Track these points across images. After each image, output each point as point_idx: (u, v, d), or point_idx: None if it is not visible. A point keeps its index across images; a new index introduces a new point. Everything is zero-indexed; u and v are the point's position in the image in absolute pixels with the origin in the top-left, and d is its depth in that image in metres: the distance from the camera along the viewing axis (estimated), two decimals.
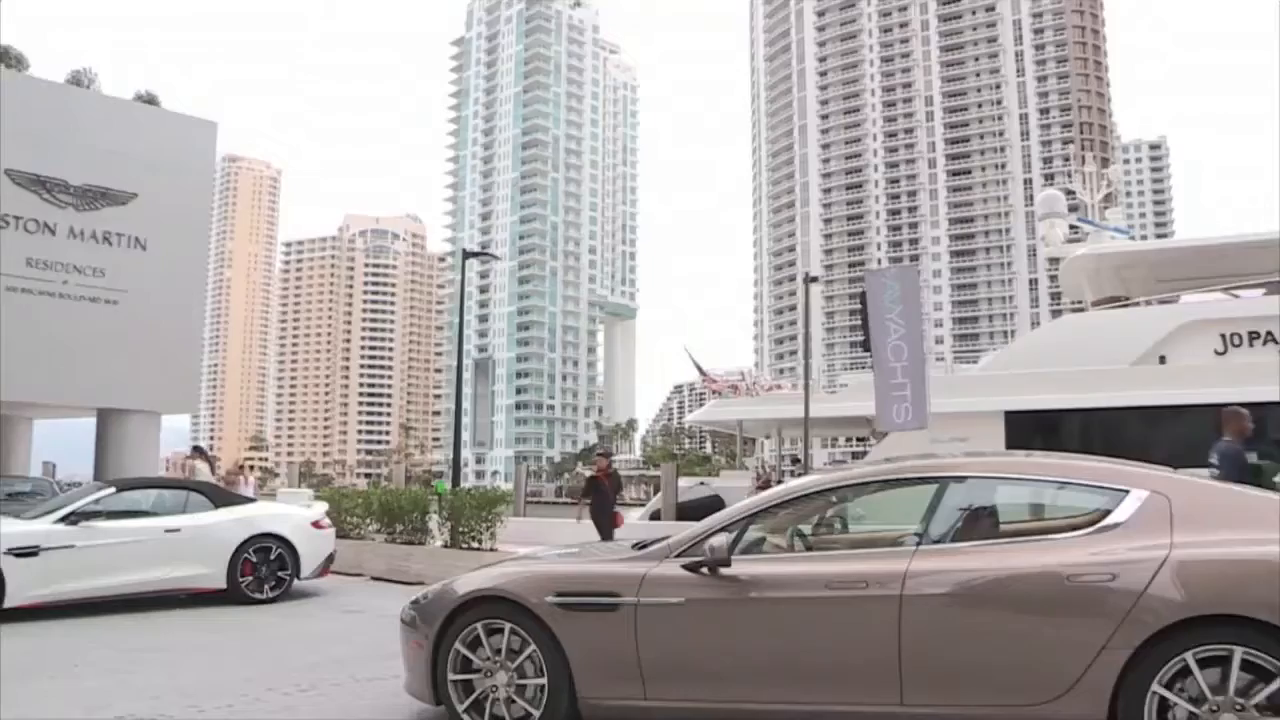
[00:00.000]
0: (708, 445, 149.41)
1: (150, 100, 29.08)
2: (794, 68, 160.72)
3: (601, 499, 16.58)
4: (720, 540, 4.87)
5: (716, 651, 4.81)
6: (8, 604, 9.93)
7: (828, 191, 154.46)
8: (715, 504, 21.55)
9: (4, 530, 10.32)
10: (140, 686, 6.94)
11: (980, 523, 4.76)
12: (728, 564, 4.81)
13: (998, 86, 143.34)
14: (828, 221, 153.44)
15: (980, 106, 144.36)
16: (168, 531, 11.05)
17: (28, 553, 10.13)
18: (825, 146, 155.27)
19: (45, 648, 8.69)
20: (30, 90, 26.75)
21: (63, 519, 10.63)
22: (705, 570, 4.85)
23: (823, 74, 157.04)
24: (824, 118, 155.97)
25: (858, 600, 4.54)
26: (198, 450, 17.57)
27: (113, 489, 11.51)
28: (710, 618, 4.84)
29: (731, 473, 38.65)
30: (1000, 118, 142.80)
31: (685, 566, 4.92)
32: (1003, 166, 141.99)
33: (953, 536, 4.67)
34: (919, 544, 4.64)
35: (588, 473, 20.23)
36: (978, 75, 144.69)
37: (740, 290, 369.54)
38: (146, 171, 27.39)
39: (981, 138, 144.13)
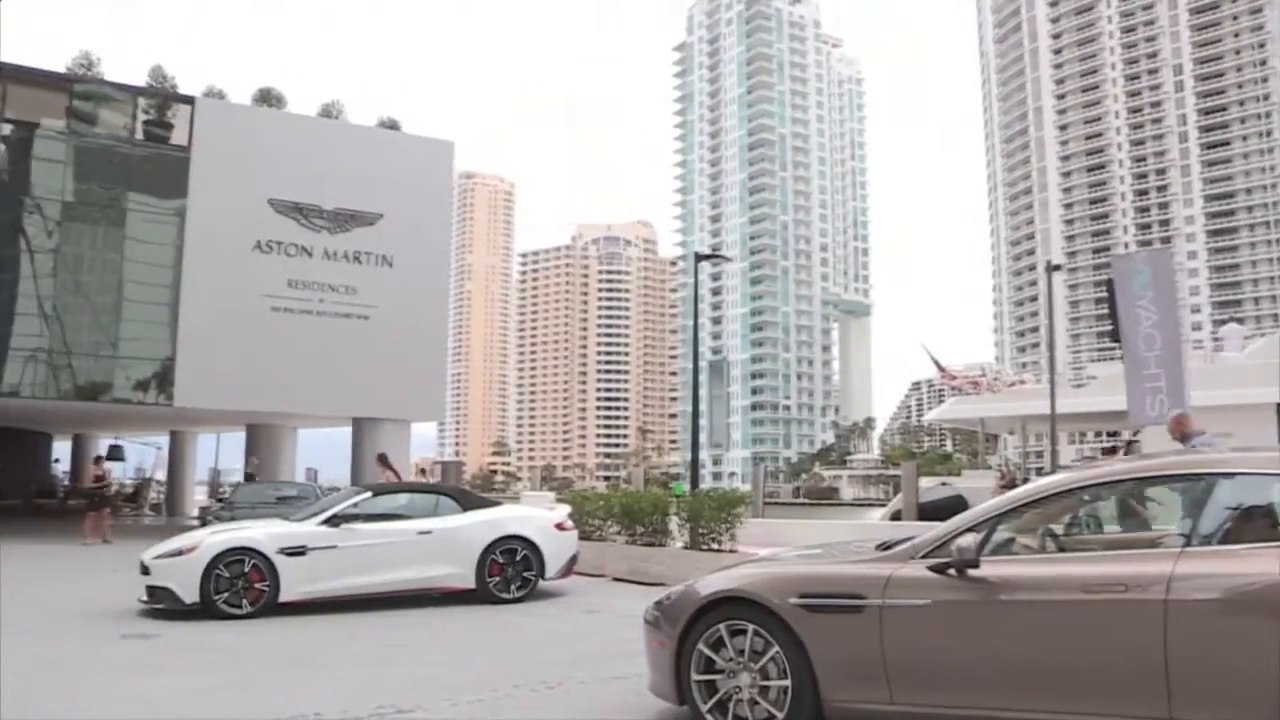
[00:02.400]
0: (948, 443, 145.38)
1: (392, 125, 30.79)
2: (1026, 47, 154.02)
3: None
4: (968, 541, 4.69)
5: (965, 656, 4.63)
6: (281, 599, 10.71)
7: (1067, 175, 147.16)
8: (958, 504, 20.99)
9: (277, 531, 11.13)
10: (397, 679, 7.28)
11: (1254, 523, 4.36)
12: (976, 565, 4.64)
13: (1262, 45, 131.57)
14: (1068, 206, 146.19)
15: (1240, 70, 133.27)
16: (420, 534, 11.54)
17: (297, 552, 10.85)
18: (1063, 128, 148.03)
19: (312, 640, 9.27)
20: (287, 124, 28.85)
21: (325, 521, 11.28)
22: (952, 572, 4.68)
23: (1057, 51, 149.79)
24: (1060, 97, 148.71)
25: (1117, 604, 4.27)
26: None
27: (369, 493, 12.14)
28: (958, 621, 4.67)
29: (974, 472, 37.55)
30: (1265, 79, 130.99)
31: (931, 568, 4.77)
32: (1268, 134, 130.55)
33: (1221, 538, 4.32)
34: (1184, 545, 4.33)
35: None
36: (1236, 35, 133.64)
37: (978, 282, 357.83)
38: (391, 192, 29.01)
39: (1241, 104, 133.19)
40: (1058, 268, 29.73)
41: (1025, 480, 19.56)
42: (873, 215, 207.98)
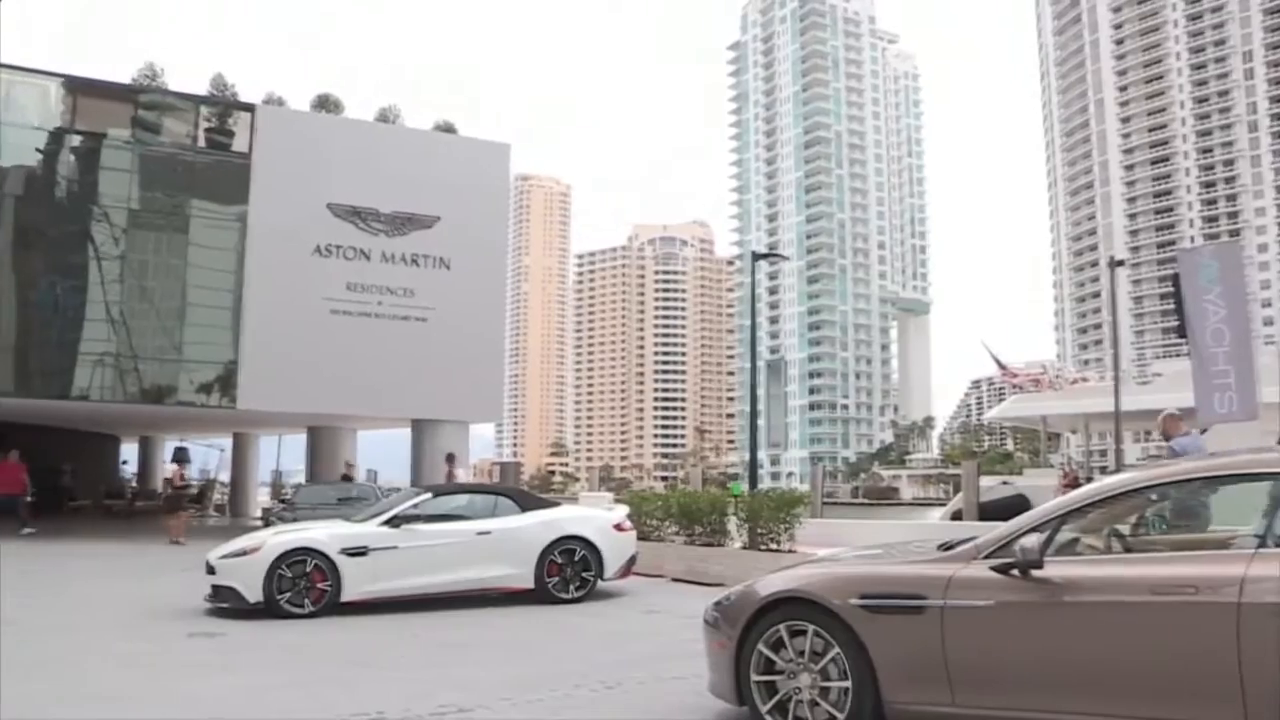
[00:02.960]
0: (1009, 442, 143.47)
1: (448, 129, 30.97)
2: (1086, 39, 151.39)
3: None
4: (1031, 541, 4.62)
5: (1029, 658, 4.57)
6: (342, 598, 10.81)
7: (1130, 168, 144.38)
8: (1020, 503, 20.69)
9: (339, 532, 11.24)
10: (457, 679, 7.32)
11: None
12: (1040, 565, 4.57)
13: None
14: (1131, 200, 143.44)
15: None
16: (479, 534, 11.61)
17: (358, 552, 10.95)
18: (1125, 120, 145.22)
19: (373, 640, 9.35)
20: (345, 130, 29.15)
21: (386, 522, 11.38)
22: (1015, 572, 4.62)
23: (1119, 42, 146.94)
24: (1122, 89, 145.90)
25: (1187, 607, 4.17)
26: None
27: (429, 494, 12.23)
28: (1021, 622, 4.61)
29: (1036, 470, 37.04)
30: None
31: (994, 568, 4.71)
32: None
33: None
34: (1259, 546, 4.21)
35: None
36: None
37: (1039, 279, 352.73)
38: (448, 195, 29.19)
39: None
40: (1121, 263, 29.23)
41: (1089, 480, 19.25)
42: (931, 212, 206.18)
